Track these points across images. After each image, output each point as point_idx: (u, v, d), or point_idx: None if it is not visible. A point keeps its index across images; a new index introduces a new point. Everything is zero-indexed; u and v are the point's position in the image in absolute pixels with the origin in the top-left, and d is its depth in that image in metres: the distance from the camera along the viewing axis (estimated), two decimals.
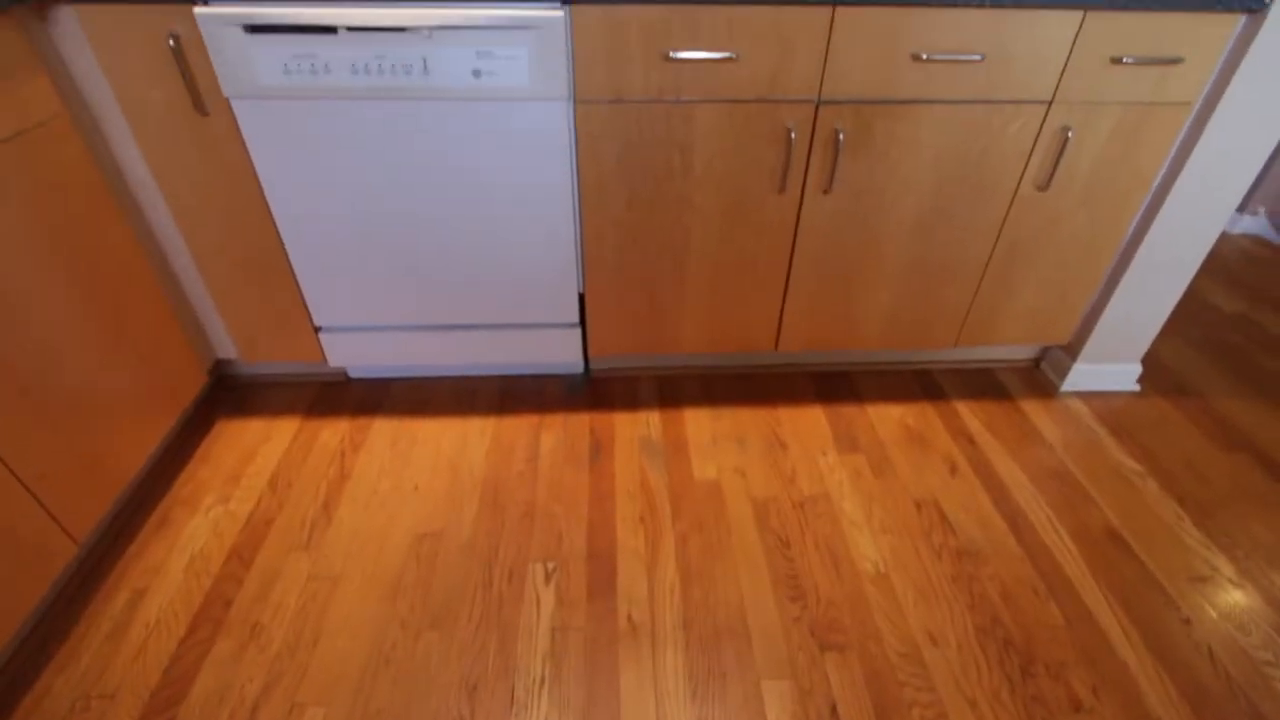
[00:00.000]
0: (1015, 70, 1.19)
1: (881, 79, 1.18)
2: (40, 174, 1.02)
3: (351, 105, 1.14)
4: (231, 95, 1.11)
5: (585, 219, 1.31)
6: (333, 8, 1.04)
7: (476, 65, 1.10)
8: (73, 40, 1.08)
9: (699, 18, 1.10)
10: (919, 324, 1.53)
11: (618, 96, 1.17)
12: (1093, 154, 1.30)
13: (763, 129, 1.22)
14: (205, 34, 1.05)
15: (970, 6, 1.11)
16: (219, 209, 1.26)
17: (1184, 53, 1.19)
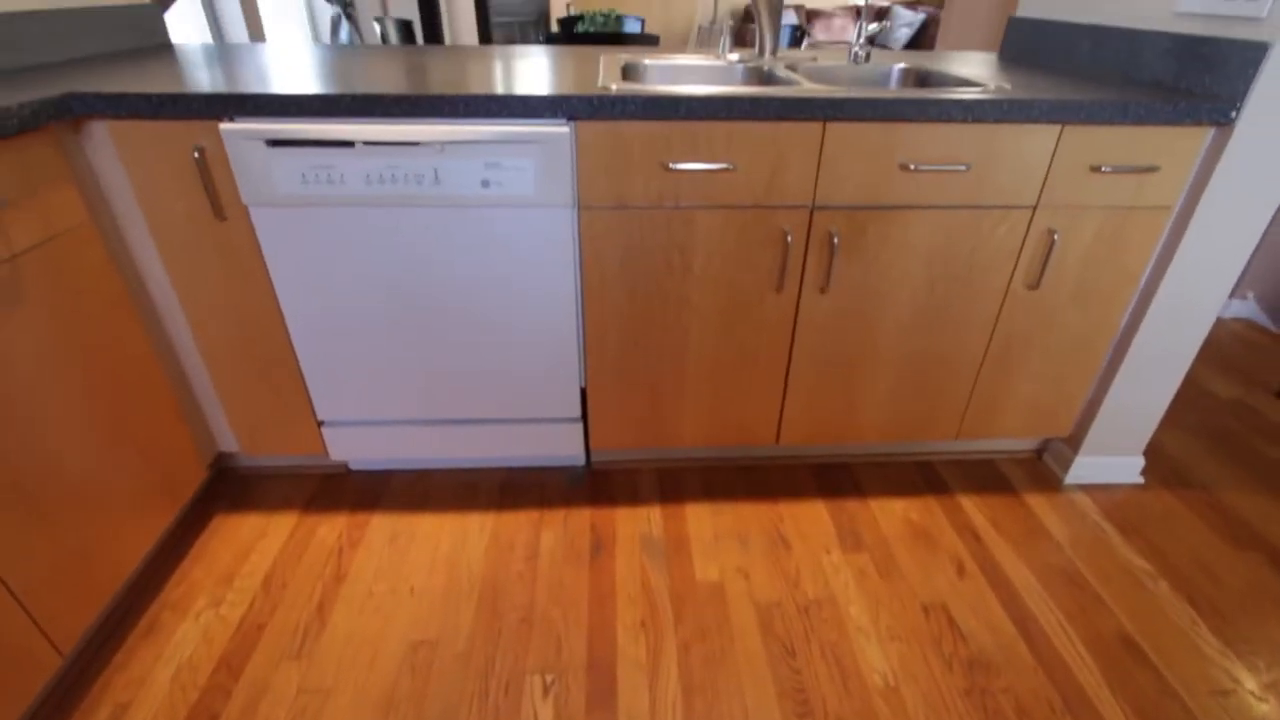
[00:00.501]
0: (1000, 178, 1.25)
1: (872, 186, 1.24)
2: (62, 278, 1.05)
3: (364, 212, 1.19)
4: (250, 203, 1.16)
5: (588, 316, 1.34)
6: (351, 125, 1.10)
7: (485, 176, 1.15)
8: (103, 151, 1.13)
9: (698, 132, 1.16)
10: (919, 417, 1.53)
11: (620, 203, 1.21)
12: (1080, 254, 1.35)
13: (760, 232, 1.27)
14: (229, 147, 1.11)
15: (953, 122, 1.18)
16: (231, 308, 1.29)
17: (1159, 162, 1.25)
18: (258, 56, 1.51)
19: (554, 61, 1.50)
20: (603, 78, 1.26)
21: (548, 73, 1.33)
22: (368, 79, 1.22)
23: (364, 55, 1.57)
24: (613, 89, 1.14)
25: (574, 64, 1.47)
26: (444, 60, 1.50)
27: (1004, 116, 1.17)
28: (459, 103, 1.09)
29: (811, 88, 1.20)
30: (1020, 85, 1.30)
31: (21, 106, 0.96)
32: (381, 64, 1.42)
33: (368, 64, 1.42)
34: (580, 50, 1.74)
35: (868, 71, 1.57)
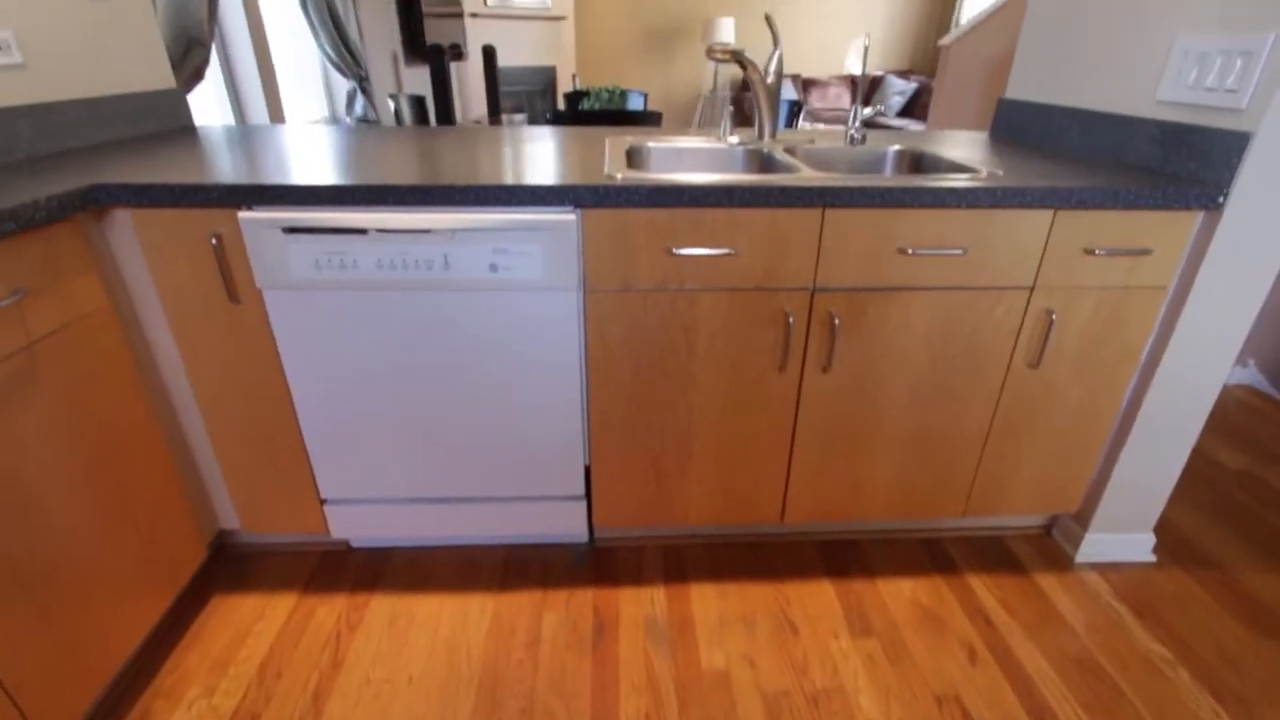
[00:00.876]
0: (996, 261, 1.27)
1: (871, 269, 1.26)
2: (77, 362, 1.07)
3: (374, 295, 1.21)
4: (264, 286, 1.19)
5: (592, 395, 1.35)
6: (365, 213, 1.14)
7: (494, 260, 1.18)
8: (124, 237, 1.17)
9: (701, 219, 1.19)
10: (925, 494, 1.52)
11: (625, 286, 1.24)
12: (1079, 333, 1.36)
13: (762, 313, 1.29)
14: (246, 235, 1.14)
15: (949, 208, 1.21)
16: (240, 387, 1.30)
17: (1151, 245, 1.28)
18: (276, 140, 1.57)
19: (561, 145, 1.56)
20: (608, 164, 1.30)
21: (555, 158, 1.38)
22: (381, 165, 1.27)
23: (378, 138, 1.64)
24: (618, 178, 1.18)
25: (580, 148, 1.52)
26: (454, 144, 1.56)
27: (998, 202, 1.20)
28: (470, 192, 1.13)
29: (810, 175, 1.24)
30: (1012, 169, 1.34)
31: (50, 199, 1.00)
32: (394, 148, 1.48)
33: (382, 148, 1.47)
34: (586, 132, 1.80)
35: (863, 154, 1.62)
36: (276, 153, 1.40)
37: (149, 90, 1.64)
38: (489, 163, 1.32)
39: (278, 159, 1.33)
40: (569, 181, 1.16)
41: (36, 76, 1.34)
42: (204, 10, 2.15)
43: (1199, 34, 1.28)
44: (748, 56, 1.47)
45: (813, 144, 1.61)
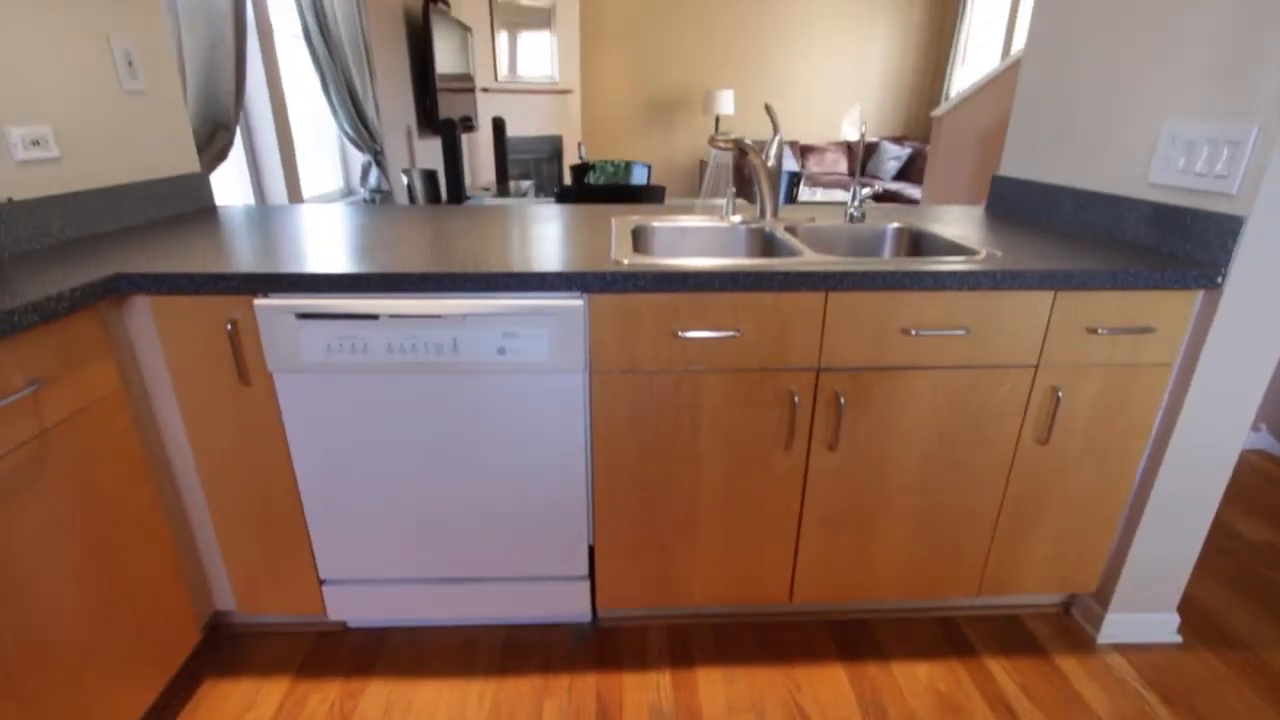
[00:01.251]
0: (999, 340, 1.29)
1: (875, 349, 1.27)
2: (86, 446, 1.08)
3: (383, 378, 1.22)
4: (275, 370, 1.21)
5: (597, 475, 1.34)
6: (377, 300, 1.16)
7: (502, 344, 1.20)
8: (142, 322, 1.19)
9: (705, 303, 1.21)
10: (937, 573, 1.49)
11: (630, 367, 1.25)
12: (1086, 410, 1.36)
13: (767, 393, 1.29)
14: (261, 320, 1.16)
15: (948, 290, 1.23)
16: (245, 467, 1.30)
17: (1153, 323, 1.29)
18: (293, 222, 1.62)
19: (567, 226, 1.61)
20: (615, 248, 1.34)
21: (562, 240, 1.42)
22: (394, 249, 1.30)
23: (391, 219, 1.69)
24: (624, 263, 1.21)
25: (587, 229, 1.57)
26: (465, 224, 1.61)
27: (998, 285, 1.22)
28: (480, 279, 1.15)
29: (812, 259, 1.27)
30: (1010, 249, 1.37)
31: (73, 291, 1.03)
32: (407, 230, 1.52)
33: (395, 230, 1.52)
34: (593, 211, 1.86)
35: (863, 232, 1.66)
36: (293, 236, 1.45)
37: (175, 175, 1.71)
38: (498, 247, 1.36)
39: (294, 243, 1.37)
40: (576, 266, 1.19)
41: (71, 167, 1.40)
42: (231, 97, 2.27)
43: (1185, 121, 1.33)
44: (747, 143, 1.53)
45: (813, 222, 1.66)
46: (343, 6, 3.29)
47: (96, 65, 1.46)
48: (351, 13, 3.39)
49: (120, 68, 1.52)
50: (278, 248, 1.33)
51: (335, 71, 3.18)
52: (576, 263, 1.22)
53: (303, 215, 1.73)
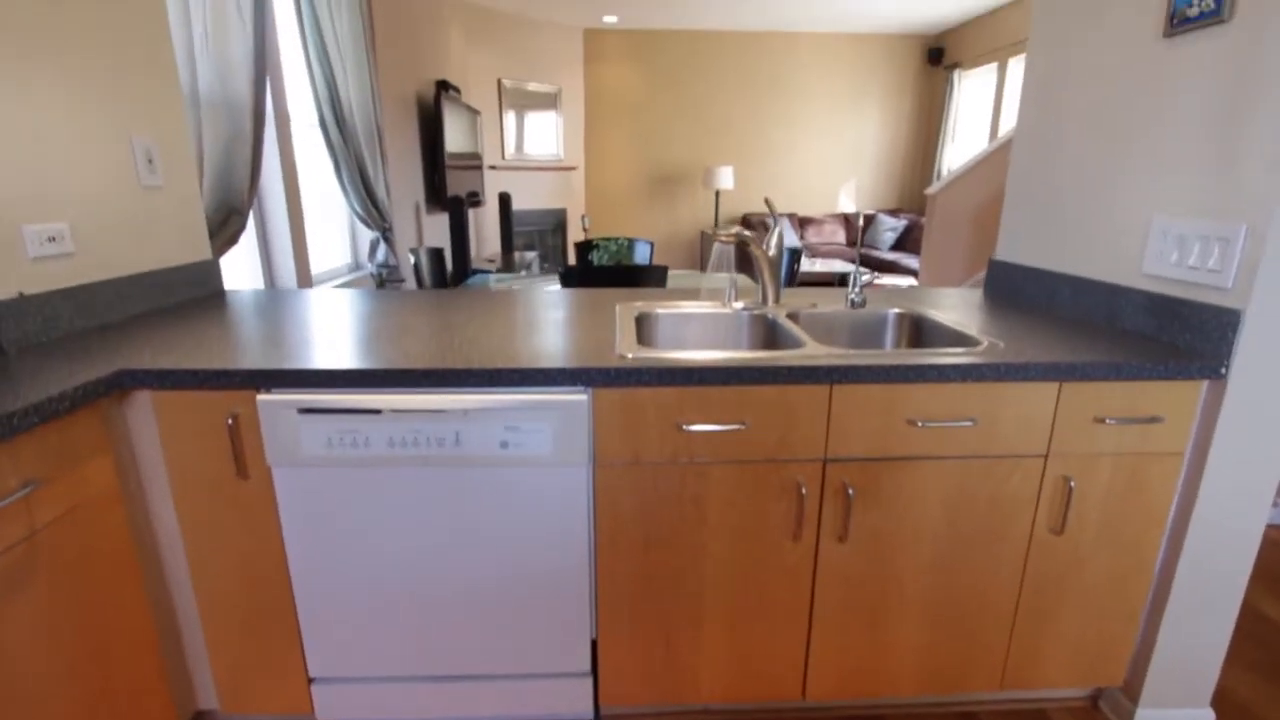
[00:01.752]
0: (1006, 431, 1.27)
1: (882, 440, 1.26)
2: (76, 545, 1.05)
3: (383, 471, 1.21)
4: (274, 464, 1.19)
5: (600, 567, 1.30)
6: (380, 395, 1.16)
7: (504, 438, 1.18)
8: (143, 417, 1.19)
9: (709, 396, 1.21)
10: (956, 666, 1.42)
11: (635, 460, 1.24)
12: (1099, 499, 1.33)
13: (774, 484, 1.27)
14: (262, 415, 1.16)
15: (953, 382, 1.23)
16: (237, 562, 1.26)
17: (1160, 413, 1.28)
18: (300, 309, 1.64)
19: (572, 313, 1.62)
20: (619, 340, 1.34)
21: (567, 329, 1.43)
22: (398, 341, 1.31)
23: (396, 306, 1.71)
24: (628, 357, 1.21)
25: (591, 315, 1.58)
26: (469, 311, 1.63)
27: (1002, 377, 1.22)
28: (484, 375, 1.16)
29: (816, 351, 1.28)
30: (1011, 337, 1.38)
31: (76, 389, 1.03)
32: (412, 317, 1.54)
33: (400, 317, 1.53)
34: (596, 297, 1.88)
35: (865, 318, 1.68)
36: (299, 324, 1.46)
37: (186, 263, 1.74)
38: (502, 337, 1.37)
39: (300, 332, 1.38)
40: (581, 360, 1.19)
41: (85, 261, 1.43)
42: (246, 183, 2.35)
43: (1174, 217, 1.36)
44: (748, 235, 1.56)
45: (815, 308, 1.68)
46: (358, 96, 3.45)
47: (117, 164, 1.51)
48: (366, 101, 3.55)
49: (140, 165, 1.58)
50: (283, 337, 1.34)
51: (348, 157, 3.30)
52: (581, 355, 1.23)
53: (309, 301, 1.75)
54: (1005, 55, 6.24)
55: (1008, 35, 6.21)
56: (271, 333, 1.39)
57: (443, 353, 1.25)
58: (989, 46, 6.52)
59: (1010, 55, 6.16)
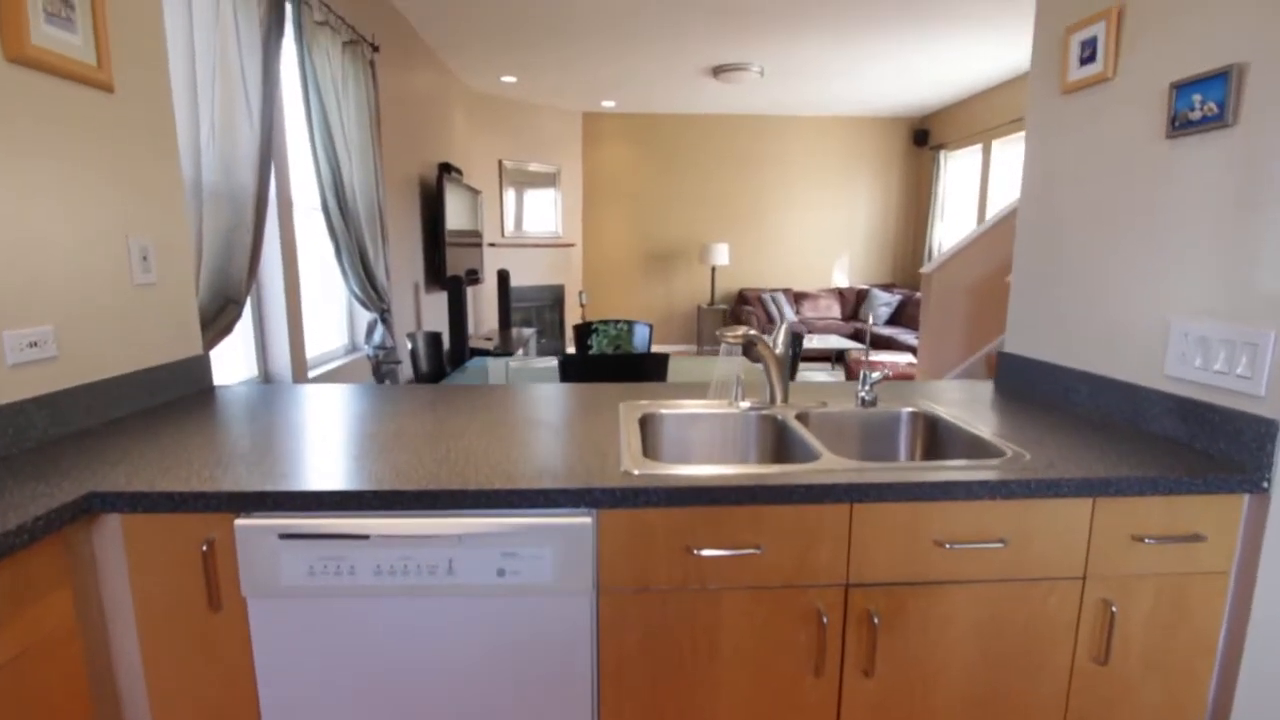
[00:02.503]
0: (1040, 551, 1.19)
1: (908, 564, 1.17)
2: (23, 691, 0.94)
3: (368, 602, 1.11)
4: (249, 594, 1.09)
5: (603, 706, 1.18)
6: (368, 519, 1.08)
7: (501, 565, 1.09)
8: (111, 543, 1.09)
9: (722, 517, 1.13)
10: None
11: (642, 586, 1.14)
12: (1143, 624, 1.23)
13: (793, 612, 1.17)
14: (240, 541, 1.07)
15: (981, 499, 1.15)
16: (203, 700, 1.14)
17: (1201, 530, 1.20)
18: (290, 409, 1.57)
19: (573, 413, 1.56)
20: (624, 448, 1.27)
21: (567, 435, 1.36)
22: (390, 453, 1.24)
23: (389, 407, 1.64)
24: (635, 474, 1.14)
25: (593, 416, 1.52)
26: (466, 415, 1.56)
27: (1032, 494, 1.15)
28: (480, 496, 1.08)
29: (832, 464, 1.21)
30: (1034, 441, 1.31)
31: (37, 520, 0.94)
32: (406, 420, 1.47)
33: (393, 422, 1.46)
34: (598, 393, 1.82)
35: (877, 418, 1.62)
36: (286, 430, 1.39)
37: (175, 360, 1.69)
38: (500, 446, 1.30)
39: (285, 442, 1.31)
40: (585, 477, 1.12)
41: (67, 365, 1.37)
42: (245, 272, 2.32)
43: (1194, 319, 1.32)
44: (755, 334, 1.52)
45: (825, 407, 1.61)
46: (361, 181, 3.50)
47: (111, 264, 1.48)
48: (370, 185, 3.60)
49: (135, 264, 1.54)
50: (268, 446, 1.26)
51: (349, 240, 3.31)
52: (584, 469, 1.16)
53: (300, 400, 1.69)
54: (989, 137, 6.48)
55: (989, 119, 6.46)
56: (256, 441, 1.31)
57: (437, 467, 1.17)
58: (972, 129, 6.78)
59: (994, 137, 6.40)
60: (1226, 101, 1.27)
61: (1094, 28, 1.59)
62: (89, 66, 1.40)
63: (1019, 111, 5.98)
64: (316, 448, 1.28)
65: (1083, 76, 1.62)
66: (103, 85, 1.43)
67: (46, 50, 1.28)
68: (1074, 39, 1.65)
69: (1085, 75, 1.62)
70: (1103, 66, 1.56)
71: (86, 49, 1.40)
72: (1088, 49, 1.61)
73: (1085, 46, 1.62)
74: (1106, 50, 1.55)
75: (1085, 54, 1.62)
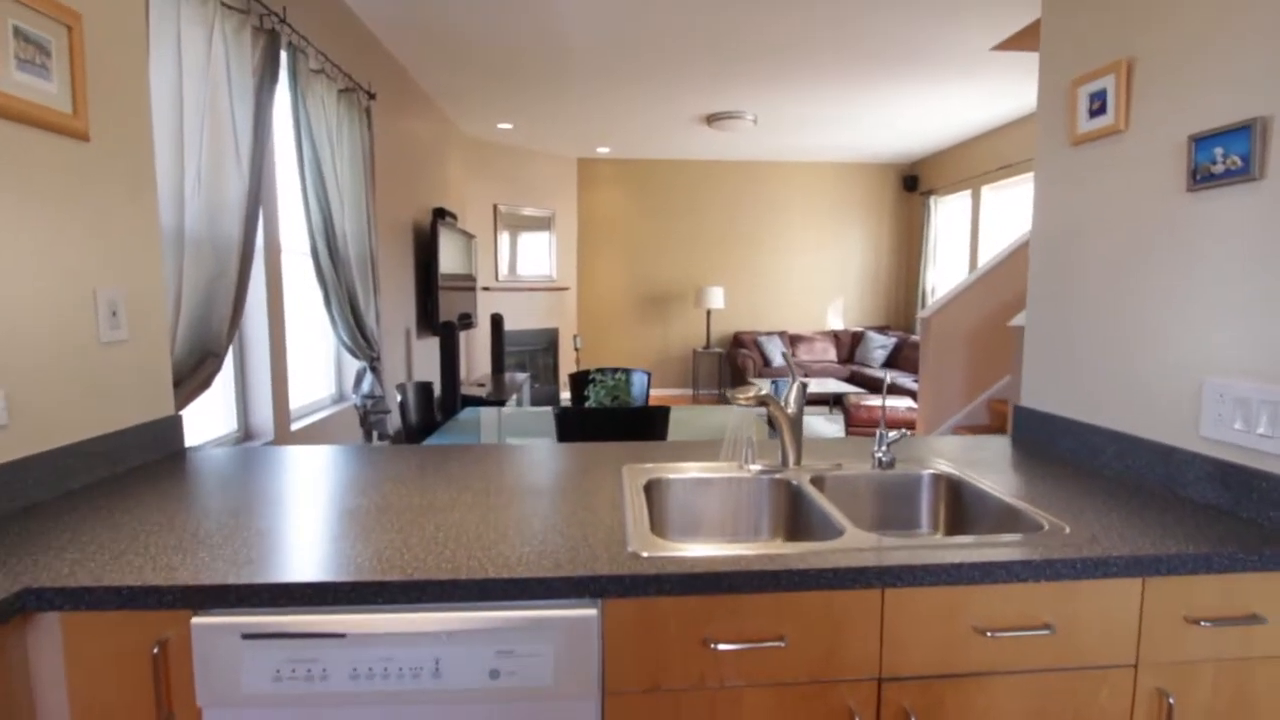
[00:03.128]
0: (1088, 637, 1.08)
1: (946, 654, 1.06)
2: None
3: (342, 712, 0.98)
4: (205, 704, 0.96)
5: None
6: (344, 615, 0.96)
7: (495, 665, 0.97)
8: (47, 644, 0.96)
9: (741, 605, 1.01)
10: None
11: (653, 686, 1.02)
12: (1202, 715, 1.12)
13: (820, 710, 1.05)
14: (196, 641, 0.94)
15: (1024, 582, 1.05)
16: None
17: (1261, 610, 1.10)
18: (265, 477, 1.45)
19: (572, 481, 1.45)
20: (629, 524, 1.16)
21: (567, 508, 1.25)
22: (371, 534, 1.12)
23: (372, 475, 1.53)
24: (644, 556, 1.03)
25: (594, 482, 1.41)
26: (454, 485, 1.45)
27: (1079, 574, 1.05)
28: (472, 587, 0.96)
29: (859, 541, 1.10)
30: (1067, 511, 1.21)
31: None
32: (390, 492, 1.35)
33: (376, 494, 1.35)
34: (598, 454, 1.72)
35: (896, 481, 1.52)
36: (257, 506, 1.27)
37: (143, 423, 1.57)
38: (493, 525, 1.18)
39: (255, 520, 1.19)
40: (589, 559, 1.01)
41: (19, 434, 1.25)
42: (226, 324, 2.23)
43: (1229, 378, 1.25)
44: (767, 394, 1.43)
45: (840, 469, 1.51)
46: (353, 227, 3.44)
47: (76, 320, 1.38)
48: (362, 231, 3.54)
49: (102, 319, 1.44)
50: (236, 527, 1.14)
51: (339, 287, 3.23)
52: (588, 550, 1.04)
53: (277, 466, 1.57)
54: (978, 183, 6.55)
55: (978, 165, 6.55)
56: (222, 521, 1.19)
57: (424, 550, 1.05)
58: (960, 175, 6.87)
59: (982, 183, 6.47)
60: (1251, 155, 1.22)
61: (1103, 80, 1.56)
62: (62, 114, 1.32)
63: (1007, 158, 6.07)
64: (289, 527, 1.16)
65: (1093, 128, 1.58)
66: (77, 133, 1.36)
67: (14, 98, 1.21)
68: (1082, 91, 1.62)
69: (1096, 127, 1.58)
70: (1114, 119, 1.52)
71: (62, 97, 1.33)
72: (1096, 101, 1.58)
73: (1094, 99, 1.59)
74: (1117, 102, 1.51)
75: (1094, 106, 1.59)
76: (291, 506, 1.26)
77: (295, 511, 1.24)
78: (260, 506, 1.26)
